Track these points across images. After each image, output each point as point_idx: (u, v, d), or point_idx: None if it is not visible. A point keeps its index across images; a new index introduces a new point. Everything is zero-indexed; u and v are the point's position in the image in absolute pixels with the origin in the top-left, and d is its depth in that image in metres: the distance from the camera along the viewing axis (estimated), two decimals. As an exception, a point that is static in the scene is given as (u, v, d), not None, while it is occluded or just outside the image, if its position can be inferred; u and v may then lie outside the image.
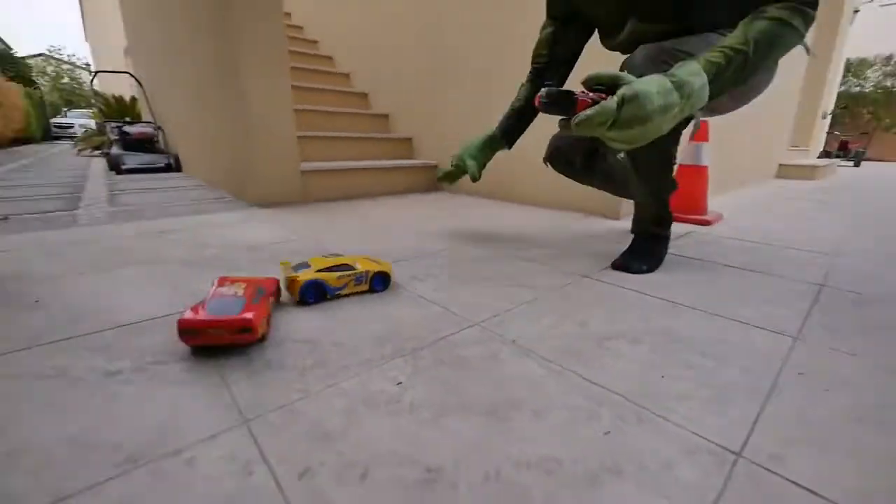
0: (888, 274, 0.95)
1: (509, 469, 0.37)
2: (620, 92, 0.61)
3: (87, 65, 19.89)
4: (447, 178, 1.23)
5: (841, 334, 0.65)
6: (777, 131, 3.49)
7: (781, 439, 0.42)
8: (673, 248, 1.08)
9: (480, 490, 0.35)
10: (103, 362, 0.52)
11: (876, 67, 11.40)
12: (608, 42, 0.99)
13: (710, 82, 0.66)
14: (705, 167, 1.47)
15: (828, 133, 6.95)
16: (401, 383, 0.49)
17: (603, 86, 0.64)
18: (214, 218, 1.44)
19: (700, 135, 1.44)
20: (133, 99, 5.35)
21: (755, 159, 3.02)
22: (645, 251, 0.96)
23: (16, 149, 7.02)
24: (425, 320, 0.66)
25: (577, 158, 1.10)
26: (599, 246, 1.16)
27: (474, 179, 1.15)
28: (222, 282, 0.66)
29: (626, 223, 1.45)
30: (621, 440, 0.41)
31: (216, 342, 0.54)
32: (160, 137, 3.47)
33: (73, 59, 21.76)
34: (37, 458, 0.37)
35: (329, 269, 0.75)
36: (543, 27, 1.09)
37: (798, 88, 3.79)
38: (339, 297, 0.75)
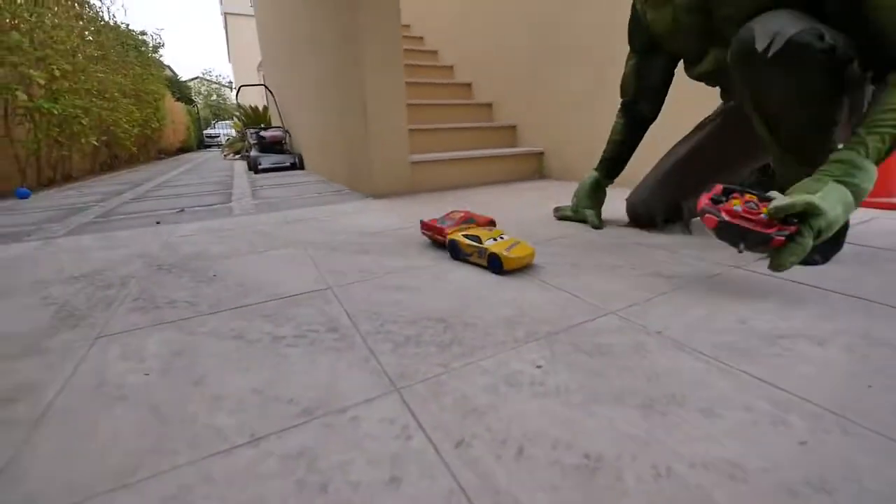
0: None
1: (682, 468, 0.33)
2: (816, 226, 0.58)
3: (230, 83, 23.41)
4: (565, 219, 1.23)
5: None
6: None
7: None
8: (851, 236, 0.88)
9: (651, 485, 0.32)
10: (271, 327, 0.60)
11: None
12: (691, 71, 0.93)
13: (880, 162, 0.60)
14: None
15: None
16: (541, 367, 0.47)
17: (796, 218, 0.59)
18: (338, 208, 1.58)
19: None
20: (265, 108, 6.17)
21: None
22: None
23: (180, 156, 8.60)
24: (554, 306, 0.64)
25: (658, 217, 1.03)
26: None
27: (597, 227, 1.11)
28: (451, 212, 1.02)
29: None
30: (823, 453, 0.34)
31: (432, 238, 0.98)
32: (287, 140, 3.94)
33: (220, 79, 25.88)
34: (234, 404, 0.44)
35: (467, 236, 0.85)
36: (628, 59, 1.08)
37: None
38: (467, 261, 0.86)
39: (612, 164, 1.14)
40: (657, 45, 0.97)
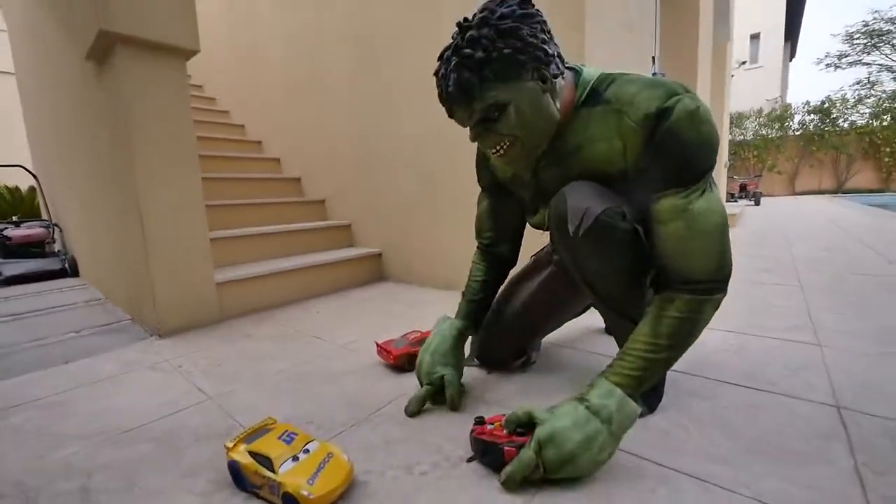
0: (886, 377, 0.86)
1: None
2: (535, 437, 0.57)
3: (-14, 148, 18.05)
4: (419, 405, 0.80)
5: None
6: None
7: None
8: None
9: None
10: None
11: (752, 119, 13.39)
12: (529, 220, 0.87)
13: (637, 389, 0.62)
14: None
15: (727, 178, 7.85)
16: None
17: (523, 428, 0.60)
18: (92, 368, 1.11)
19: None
20: (31, 189, 4.77)
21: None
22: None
23: None
24: None
25: (507, 358, 0.95)
26: (578, 359, 0.99)
27: (455, 403, 0.80)
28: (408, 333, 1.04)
29: (595, 318, 1.30)
30: None
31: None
32: (56, 237, 3.00)
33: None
34: None
35: (255, 455, 0.60)
36: (480, 200, 0.94)
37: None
38: (256, 495, 0.59)
39: (478, 306, 0.93)
40: (504, 186, 0.89)
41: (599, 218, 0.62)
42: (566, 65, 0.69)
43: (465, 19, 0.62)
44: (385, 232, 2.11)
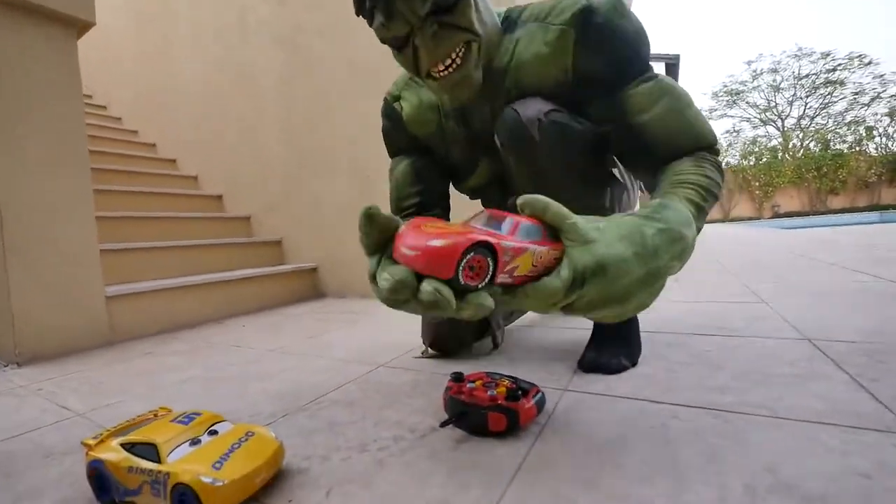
0: (835, 316, 0.88)
1: None
2: (578, 264, 0.36)
3: None
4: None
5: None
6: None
7: None
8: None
9: None
10: None
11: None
12: (462, 185, 0.80)
13: (698, 219, 0.49)
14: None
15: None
16: None
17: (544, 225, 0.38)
18: None
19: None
20: None
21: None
22: (616, 333, 0.71)
23: None
24: None
25: (467, 336, 0.83)
26: (545, 335, 0.90)
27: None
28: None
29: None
30: None
31: None
32: None
33: None
34: None
35: (129, 446, 0.41)
36: (393, 167, 0.81)
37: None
38: None
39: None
40: (423, 147, 0.79)
41: (552, 116, 0.57)
42: None
43: None
44: (321, 246, 1.93)
